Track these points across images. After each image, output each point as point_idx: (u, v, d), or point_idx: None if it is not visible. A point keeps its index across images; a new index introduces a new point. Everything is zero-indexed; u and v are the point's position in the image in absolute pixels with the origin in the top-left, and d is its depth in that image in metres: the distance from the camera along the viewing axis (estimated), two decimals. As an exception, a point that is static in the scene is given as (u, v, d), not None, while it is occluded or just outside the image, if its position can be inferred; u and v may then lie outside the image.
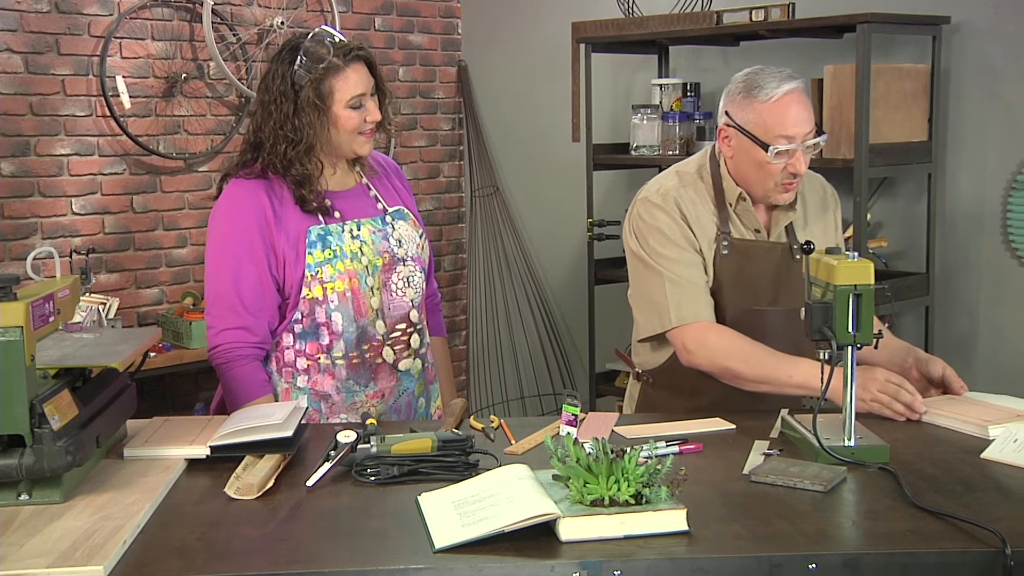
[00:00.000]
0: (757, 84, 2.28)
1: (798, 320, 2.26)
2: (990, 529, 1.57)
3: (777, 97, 2.26)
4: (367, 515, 1.72)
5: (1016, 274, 3.60)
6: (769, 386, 2.27)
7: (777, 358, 2.26)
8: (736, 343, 2.29)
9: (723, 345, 2.29)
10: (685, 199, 2.37)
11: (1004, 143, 3.59)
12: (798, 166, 2.28)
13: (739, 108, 2.31)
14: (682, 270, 2.33)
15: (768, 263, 2.38)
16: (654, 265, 2.35)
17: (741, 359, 2.27)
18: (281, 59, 2.37)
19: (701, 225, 2.36)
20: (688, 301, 2.31)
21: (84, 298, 3.80)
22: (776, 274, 2.38)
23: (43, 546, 1.57)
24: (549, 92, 4.97)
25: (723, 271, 2.35)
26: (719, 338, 2.30)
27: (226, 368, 2.35)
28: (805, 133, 2.28)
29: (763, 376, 2.26)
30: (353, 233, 2.41)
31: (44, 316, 1.82)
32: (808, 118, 2.29)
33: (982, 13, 3.60)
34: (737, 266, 2.35)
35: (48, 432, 1.71)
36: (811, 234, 2.43)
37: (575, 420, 2.08)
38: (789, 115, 2.26)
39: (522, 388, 5.23)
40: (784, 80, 2.27)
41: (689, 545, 1.57)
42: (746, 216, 2.38)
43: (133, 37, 4.24)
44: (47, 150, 4.05)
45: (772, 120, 2.26)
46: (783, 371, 2.24)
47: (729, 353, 2.28)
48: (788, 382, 2.23)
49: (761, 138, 2.27)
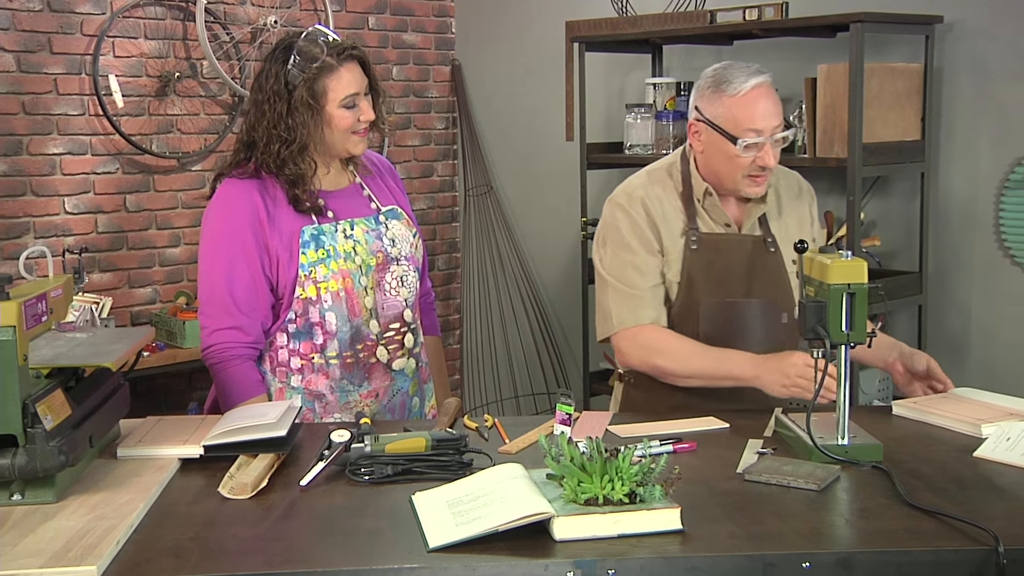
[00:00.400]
0: (726, 79, 2.31)
1: (774, 310, 2.32)
2: (983, 527, 1.58)
3: (745, 91, 2.29)
4: (361, 515, 1.72)
5: (1009, 273, 3.61)
6: (700, 380, 2.32)
7: (706, 353, 2.31)
8: (666, 341, 2.35)
9: (653, 344, 2.35)
10: (652, 197, 2.41)
11: (997, 142, 3.60)
12: (767, 159, 2.31)
13: (708, 103, 2.34)
14: (630, 275, 2.38)
15: (739, 255, 2.40)
16: (603, 273, 2.42)
17: (669, 356, 2.33)
18: (275, 58, 2.37)
19: (667, 222, 2.39)
20: (629, 306, 2.37)
21: (77, 297, 3.79)
22: (749, 266, 2.40)
23: (36, 546, 1.56)
24: (543, 91, 4.97)
25: (693, 265, 2.37)
26: (650, 338, 2.36)
27: (220, 368, 2.35)
28: (773, 127, 2.31)
29: (692, 371, 2.32)
30: (346, 233, 2.41)
31: (37, 315, 1.81)
32: (776, 112, 2.32)
33: (975, 13, 3.61)
34: (707, 260, 2.38)
35: (41, 432, 1.70)
36: (785, 225, 2.46)
37: (569, 419, 2.08)
38: (757, 109, 2.29)
39: (516, 387, 5.23)
40: (752, 75, 2.31)
41: (683, 544, 1.57)
42: (714, 211, 2.41)
43: (126, 36, 4.23)
44: (40, 149, 4.04)
45: (741, 114, 2.29)
46: (711, 365, 2.29)
47: (658, 351, 2.34)
48: (716, 375, 2.29)
49: (730, 132, 2.30)
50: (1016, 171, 3.56)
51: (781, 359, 2.21)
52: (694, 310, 2.37)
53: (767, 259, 2.41)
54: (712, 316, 2.36)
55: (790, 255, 2.41)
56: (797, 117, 3.76)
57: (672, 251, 2.38)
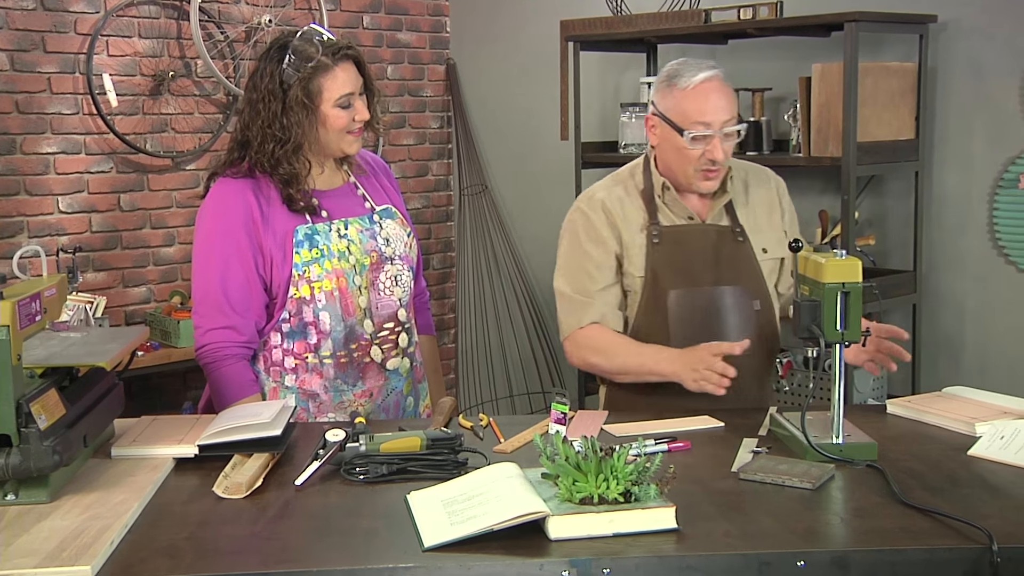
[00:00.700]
0: (677, 73, 2.37)
1: (745, 297, 2.36)
2: (977, 526, 1.58)
3: (694, 84, 2.33)
4: (356, 514, 1.72)
5: (1002, 272, 3.62)
6: (629, 376, 2.39)
7: (633, 349, 2.37)
8: (601, 340, 2.40)
9: (590, 343, 2.41)
10: (612, 198, 2.46)
11: (991, 141, 3.61)
12: (715, 153, 2.34)
13: (661, 96, 2.39)
14: (581, 278, 2.44)
15: (703, 245, 2.42)
16: (556, 280, 2.50)
17: (601, 354, 2.40)
18: (269, 58, 2.37)
19: (628, 219, 2.43)
20: (574, 312, 2.44)
21: (71, 297, 3.78)
22: (715, 255, 2.42)
23: (30, 546, 1.56)
24: (538, 90, 4.97)
25: (656, 259, 2.40)
26: (588, 338, 2.42)
27: (213, 368, 2.34)
28: (723, 121, 2.33)
29: (619, 367, 2.39)
30: (340, 232, 2.41)
31: (31, 315, 1.81)
32: (726, 107, 2.34)
33: (969, 12, 3.62)
34: (670, 252, 2.41)
35: (35, 432, 1.70)
36: (754, 215, 2.48)
37: (564, 418, 2.08)
38: (706, 102, 2.32)
39: (511, 386, 5.23)
40: (703, 69, 2.35)
41: (678, 543, 1.57)
42: (675, 205, 2.44)
43: (120, 35, 4.22)
44: (33, 148, 4.03)
45: (689, 107, 2.33)
46: (635, 361, 2.36)
47: (593, 350, 2.41)
48: (640, 370, 2.36)
49: (679, 124, 2.34)
50: (1010, 170, 3.57)
51: (690, 352, 2.26)
52: (661, 302, 2.40)
53: (735, 248, 2.43)
54: (679, 306, 2.39)
55: (759, 244, 2.45)
56: (792, 116, 3.77)
57: (633, 247, 2.42)
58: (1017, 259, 3.59)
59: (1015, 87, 3.53)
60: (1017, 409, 2.17)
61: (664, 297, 2.39)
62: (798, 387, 3.62)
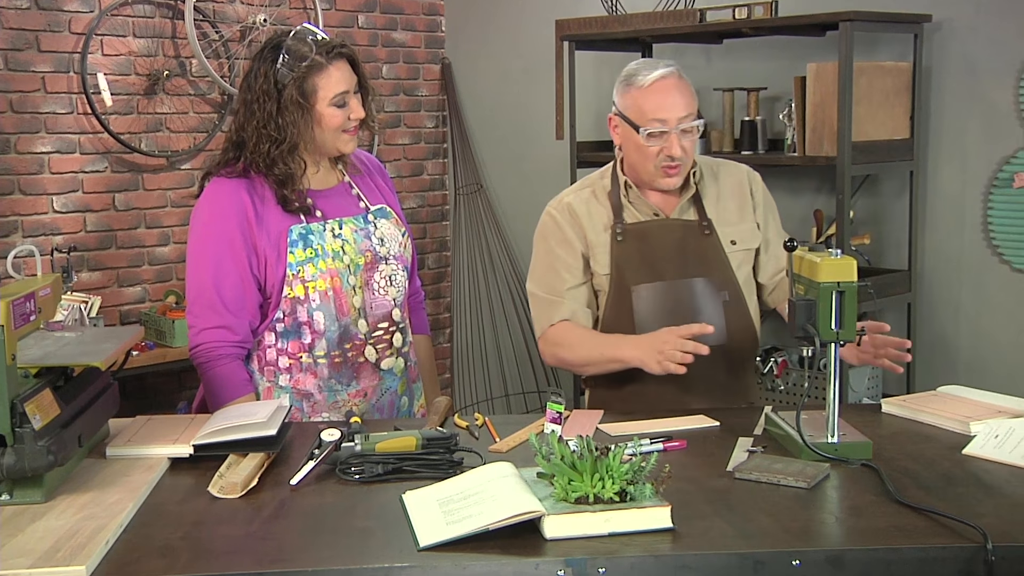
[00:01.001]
0: (634, 72, 2.41)
1: (712, 289, 2.40)
2: (972, 525, 1.58)
3: (650, 82, 2.37)
4: (351, 514, 1.72)
5: (997, 271, 3.63)
6: (595, 367, 2.42)
7: (597, 339, 2.41)
8: (567, 334, 2.44)
9: (557, 339, 2.45)
10: (580, 200, 2.50)
11: (985, 141, 3.61)
12: (672, 149, 2.37)
13: (620, 96, 2.44)
14: (550, 278, 2.47)
15: (668, 239, 2.45)
16: (528, 283, 2.53)
17: (567, 347, 2.43)
18: (263, 58, 2.36)
19: (592, 219, 2.47)
20: (545, 311, 2.48)
21: (66, 296, 3.78)
22: (681, 249, 2.45)
23: (25, 546, 1.56)
24: (533, 89, 4.97)
25: (620, 255, 2.44)
26: (556, 334, 2.45)
27: (207, 367, 2.34)
28: (679, 117, 2.36)
29: (584, 358, 2.42)
30: (335, 232, 2.40)
31: (25, 315, 1.81)
32: (681, 103, 2.37)
33: (963, 11, 3.62)
34: (634, 247, 2.44)
35: (29, 431, 1.69)
36: (723, 207, 2.50)
37: (559, 418, 2.08)
38: (661, 99, 2.36)
39: (506, 386, 5.23)
40: (658, 67, 2.39)
41: (673, 542, 1.57)
42: (639, 203, 2.48)
43: (114, 34, 4.21)
44: (28, 148, 4.03)
45: (645, 104, 2.37)
46: (598, 350, 2.38)
47: (560, 344, 2.44)
48: (601, 359, 2.38)
49: (636, 122, 2.38)
50: (1004, 169, 3.57)
51: (652, 336, 2.28)
52: (626, 297, 2.43)
53: (701, 241, 2.46)
54: (644, 300, 2.42)
55: (728, 236, 2.47)
56: (787, 116, 3.77)
57: (598, 246, 2.46)
58: (1011, 258, 3.59)
59: (1009, 87, 3.54)
60: (1012, 408, 2.18)
61: (629, 292, 2.43)
62: (793, 386, 3.62)
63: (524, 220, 5.10)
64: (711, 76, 4.21)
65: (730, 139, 4.03)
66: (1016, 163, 3.55)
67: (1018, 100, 3.52)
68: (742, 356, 2.49)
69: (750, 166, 2.67)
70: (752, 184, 2.57)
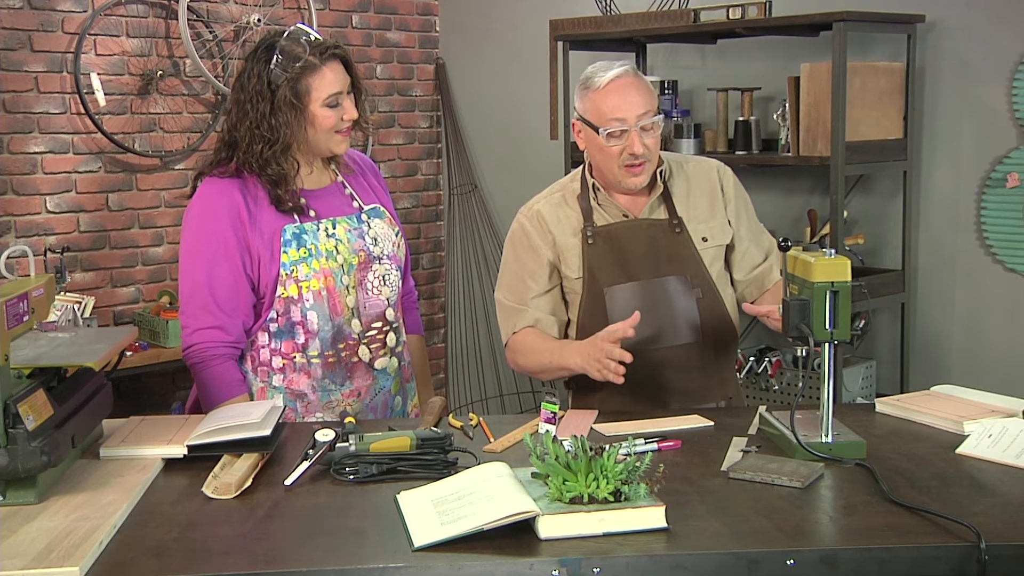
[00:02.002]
0: (591, 75, 2.42)
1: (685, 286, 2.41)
2: (965, 524, 1.59)
3: (604, 84, 2.37)
4: (346, 514, 1.72)
5: (990, 271, 3.64)
6: (547, 374, 2.44)
7: (546, 347, 2.42)
8: (525, 341, 2.46)
9: (517, 346, 2.47)
10: (550, 205, 2.50)
11: (978, 141, 3.62)
12: (635, 147, 2.37)
13: (580, 100, 2.45)
14: (516, 285, 2.48)
15: (638, 239, 2.46)
16: (496, 291, 2.55)
17: (522, 354, 2.46)
18: (257, 58, 2.36)
19: (561, 224, 2.48)
20: (510, 319, 2.49)
21: (59, 297, 3.77)
22: (652, 248, 2.45)
23: (18, 547, 1.55)
24: (527, 90, 4.97)
25: (592, 257, 2.44)
26: (517, 341, 2.48)
27: (201, 368, 2.34)
28: (637, 114, 2.36)
29: (538, 365, 2.44)
30: (328, 231, 2.40)
31: (18, 315, 1.80)
32: (638, 101, 2.37)
33: (956, 12, 3.63)
34: (605, 249, 2.45)
35: (23, 432, 1.69)
36: (693, 204, 2.50)
37: (554, 418, 2.08)
38: (618, 99, 2.36)
39: (501, 386, 5.23)
40: (613, 67, 2.40)
41: (668, 542, 1.57)
42: (607, 205, 2.48)
43: (108, 34, 4.20)
44: (21, 148, 4.02)
45: (603, 105, 2.37)
46: (546, 358, 2.40)
47: (518, 351, 2.47)
48: (551, 366, 2.40)
49: (595, 123, 2.39)
50: (997, 169, 3.58)
51: (589, 343, 2.29)
52: (599, 299, 2.43)
53: (672, 240, 2.46)
54: (618, 300, 2.42)
55: (699, 233, 2.47)
56: (781, 116, 3.77)
57: (568, 250, 2.46)
58: (1005, 258, 3.60)
59: (1003, 87, 3.55)
60: (1005, 407, 2.18)
61: (602, 294, 2.43)
62: (787, 386, 3.63)
63: (518, 220, 5.10)
64: (705, 76, 4.21)
65: (724, 139, 4.04)
66: (1009, 163, 3.55)
67: (1011, 100, 3.53)
68: (719, 351, 2.49)
69: (744, 167, 2.67)
70: (723, 180, 2.55)
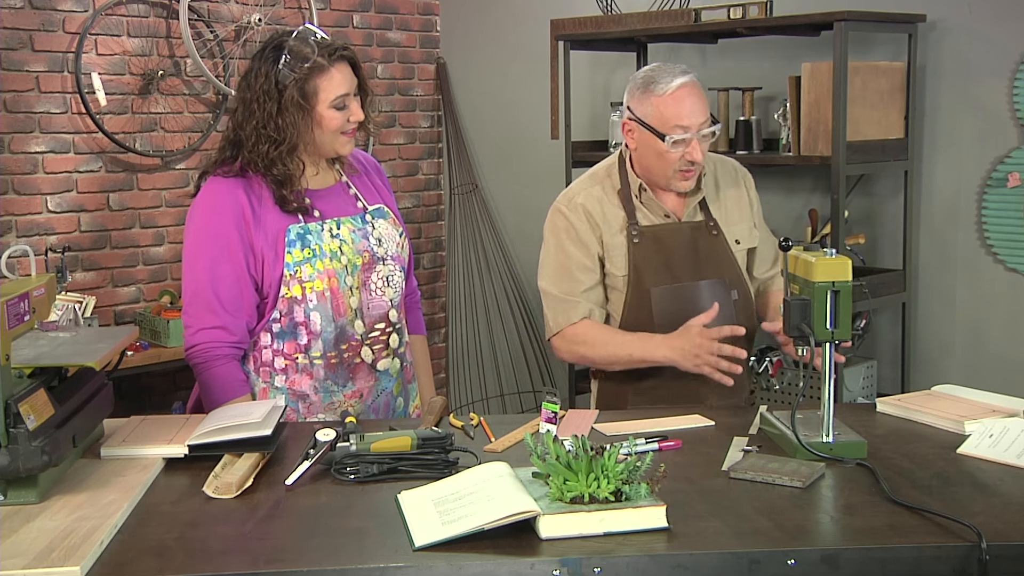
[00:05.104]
0: (653, 79, 2.44)
1: (724, 289, 2.47)
2: (966, 524, 1.59)
3: (672, 90, 2.41)
4: (346, 514, 1.72)
5: (992, 270, 3.63)
6: (619, 364, 2.48)
7: (618, 339, 2.47)
8: (589, 333, 2.49)
9: (578, 337, 2.51)
10: (592, 198, 2.53)
11: (979, 140, 3.62)
12: (695, 154, 2.42)
13: (638, 103, 2.46)
14: (565, 280, 2.51)
15: (681, 242, 2.51)
16: (541, 281, 2.57)
17: (590, 345, 2.49)
18: (264, 57, 2.35)
19: (607, 220, 2.51)
20: (564, 311, 2.52)
21: (60, 296, 3.77)
22: (693, 250, 2.51)
23: (19, 547, 1.56)
24: (528, 89, 4.97)
25: (638, 256, 2.49)
26: (577, 333, 2.51)
27: (204, 368, 2.34)
28: (700, 123, 2.42)
29: (610, 357, 2.48)
30: (333, 232, 2.40)
31: (19, 315, 1.80)
32: (702, 109, 2.42)
33: (958, 11, 3.63)
34: (650, 249, 2.49)
35: (23, 432, 1.69)
36: (724, 207, 2.56)
37: (555, 417, 2.08)
38: (684, 107, 2.41)
39: (502, 386, 5.23)
40: (678, 75, 2.42)
41: (669, 542, 1.57)
42: (651, 204, 2.52)
43: (108, 33, 4.20)
44: (22, 147, 4.02)
45: (668, 112, 2.41)
46: (625, 350, 2.45)
47: (582, 342, 2.50)
48: (630, 359, 2.45)
49: (659, 129, 2.41)
50: (998, 169, 3.58)
51: (683, 337, 2.35)
52: (645, 298, 2.48)
53: (711, 242, 2.52)
54: (662, 301, 2.47)
55: (732, 236, 2.54)
56: (781, 115, 3.77)
57: (614, 247, 2.49)
58: (1006, 257, 3.60)
59: (1003, 86, 3.55)
60: (1006, 407, 2.18)
61: (647, 294, 2.48)
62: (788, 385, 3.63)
63: (519, 219, 5.10)
64: (706, 76, 4.20)
65: (725, 139, 4.04)
66: (1010, 163, 3.55)
67: (1012, 100, 3.53)
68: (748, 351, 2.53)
69: (745, 166, 2.69)
70: (746, 183, 2.62)
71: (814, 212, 3.85)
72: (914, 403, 2.26)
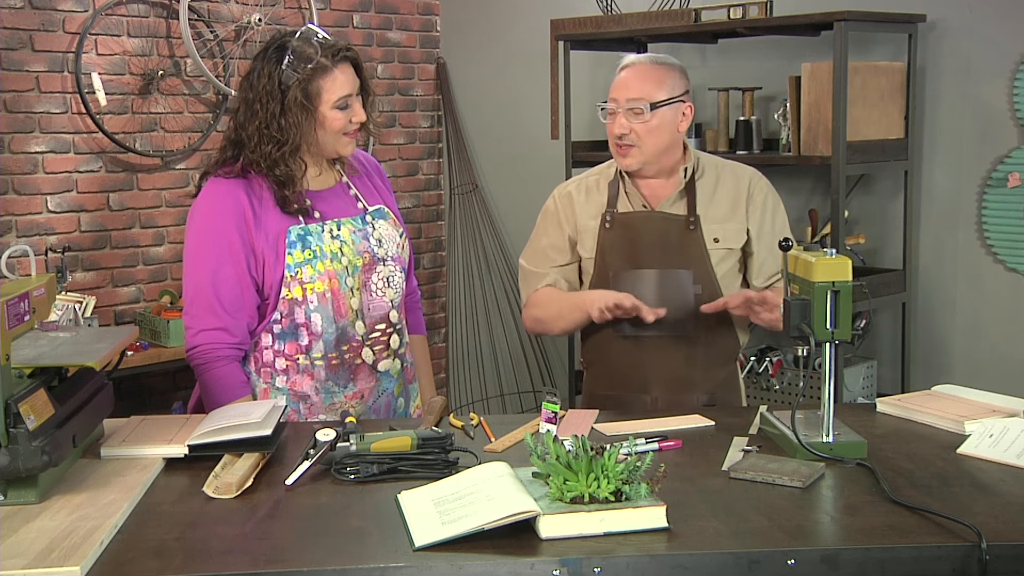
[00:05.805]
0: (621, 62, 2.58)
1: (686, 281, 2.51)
2: (966, 523, 1.59)
3: (620, 67, 2.55)
4: (346, 514, 1.72)
5: (991, 270, 3.63)
6: (563, 319, 2.57)
7: (562, 296, 2.59)
8: (542, 295, 2.61)
9: (533, 302, 2.63)
10: (582, 186, 2.64)
11: (979, 140, 3.62)
12: (614, 127, 2.51)
13: None
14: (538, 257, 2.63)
15: (650, 231, 2.55)
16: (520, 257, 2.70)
17: (542, 307, 2.60)
18: (267, 58, 2.34)
19: (589, 205, 2.61)
20: (530, 281, 2.65)
21: (60, 296, 3.77)
22: (662, 240, 2.54)
23: (19, 547, 1.56)
24: (528, 89, 4.97)
25: (605, 241, 2.57)
26: (533, 299, 2.63)
27: (205, 369, 2.34)
28: (627, 98, 2.49)
29: (554, 313, 2.58)
30: (333, 233, 2.40)
31: (19, 315, 1.80)
32: (634, 86, 2.49)
33: (957, 11, 3.63)
34: (618, 235, 2.56)
35: (24, 432, 1.69)
36: (716, 207, 2.57)
37: (555, 417, 2.08)
38: (618, 81, 2.53)
39: (502, 386, 5.23)
40: (636, 57, 2.57)
41: (669, 542, 1.57)
42: (632, 194, 2.59)
43: (109, 33, 4.20)
44: (22, 147, 4.02)
45: (611, 87, 2.55)
46: (566, 301, 2.55)
47: (535, 305, 2.62)
48: (567, 309, 2.54)
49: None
50: (999, 169, 3.58)
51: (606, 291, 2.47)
52: (605, 280, 2.55)
53: (684, 235, 2.54)
54: (621, 284, 2.52)
55: (712, 234, 2.54)
56: (781, 115, 3.77)
57: (587, 231, 2.59)
58: (1006, 257, 3.60)
59: (1003, 86, 3.55)
60: (1006, 407, 2.18)
61: (608, 277, 2.55)
62: (788, 386, 3.63)
63: (519, 219, 5.10)
64: (706, 76, 4.21)
65: (725, 139, 4.04)
66: (1010, 163, 3.55)
67: (1012, 100, 3.53)
68: (709, 348, 2.55)
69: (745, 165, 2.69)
70: (752, 188, 2.59)
71: (814, 212, 3.85)
72: (914, 403, 2.26)
